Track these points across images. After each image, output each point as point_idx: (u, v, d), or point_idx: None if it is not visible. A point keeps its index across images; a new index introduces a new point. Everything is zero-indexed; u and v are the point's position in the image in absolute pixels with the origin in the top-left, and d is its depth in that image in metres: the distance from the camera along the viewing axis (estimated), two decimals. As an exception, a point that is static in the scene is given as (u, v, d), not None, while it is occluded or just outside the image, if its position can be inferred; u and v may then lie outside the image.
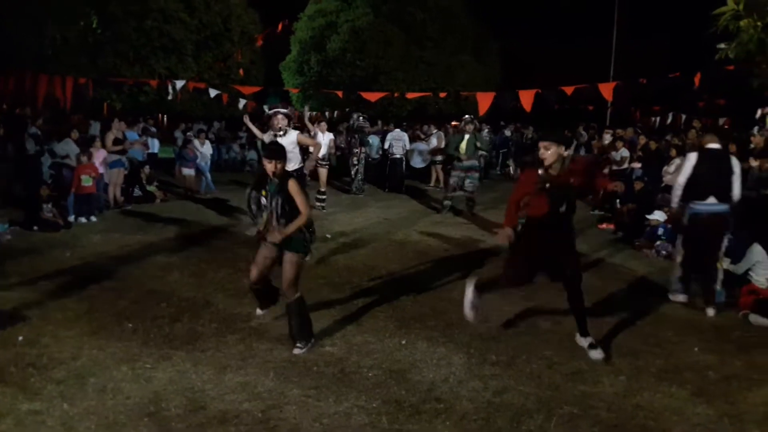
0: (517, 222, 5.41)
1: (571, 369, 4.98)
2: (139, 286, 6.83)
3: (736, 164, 6.56)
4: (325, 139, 12.51)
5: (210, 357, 4.98)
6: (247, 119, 9.57)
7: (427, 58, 25.58)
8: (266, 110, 15.93)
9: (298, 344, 5.10)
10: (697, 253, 6.69)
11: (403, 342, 5.41)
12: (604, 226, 11.24)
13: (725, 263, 7.43)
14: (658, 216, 9.53)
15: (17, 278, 6.94)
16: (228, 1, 22.16)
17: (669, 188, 10.83)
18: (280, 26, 19.51)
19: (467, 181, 11.90)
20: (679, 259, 6.86)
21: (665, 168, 11.40)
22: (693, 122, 14.65)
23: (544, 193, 5.11)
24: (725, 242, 6.78)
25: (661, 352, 5.40)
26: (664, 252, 9.03)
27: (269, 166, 5.01)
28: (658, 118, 21.63)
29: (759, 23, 6.73)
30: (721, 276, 6.68)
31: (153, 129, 17.02)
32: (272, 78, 26.21)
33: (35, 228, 9.34)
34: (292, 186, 5.04)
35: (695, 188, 6.54)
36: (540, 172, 5.17)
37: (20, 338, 5.21)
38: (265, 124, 8.98)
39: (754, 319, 6.30)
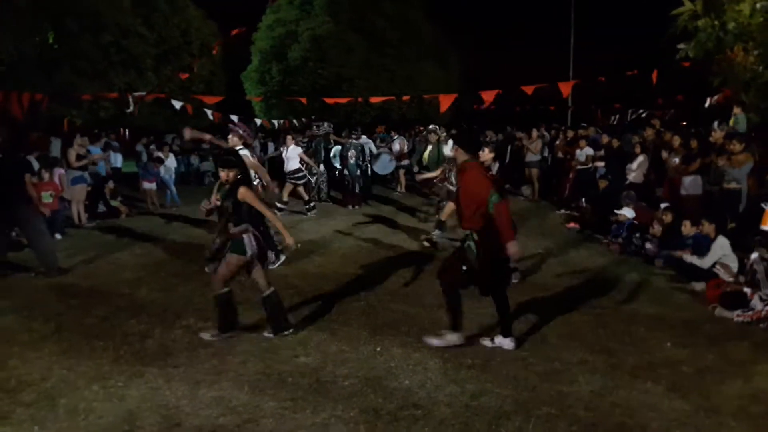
0: None
1: (547, 369, 5.01)
2: (108, 303, 6.66)
3: None
4: (292, 153, 12.50)
5: (183, 372, 4.88)
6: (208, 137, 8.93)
7: (389, 65, 25.71)
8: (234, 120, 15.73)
9: (212, 332, 5.59)
10: None
11: (378, 349, 5.38)
12: (571, 225, 11.36)
13: (690, 258, 7.62)
14: (626, 212, 9.67)
15: (-21, 301, 6.72)
16: (186, 14, 21.99)
17: (633, 185, 11.08)
18: (234, 31, 19.34)
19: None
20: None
21: (629, 165, 11.60)
22: (652, 120, 14.93)
23: None
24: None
25: (634, 349, 5.47)
26: (633, 248, 9.17)
27: (222, 175, 5.53)
28: (617, 116, 22.06)
29: (716, 22, 6.88)
30: None
31: (115, 144, 16.72)
32: (234, 88, 26.01)
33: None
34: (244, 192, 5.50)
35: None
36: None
37: (-15, 362, 5.04)
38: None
39: (719, 312, 6.43)
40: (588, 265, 8.66)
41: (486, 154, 7.11)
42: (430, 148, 11.97)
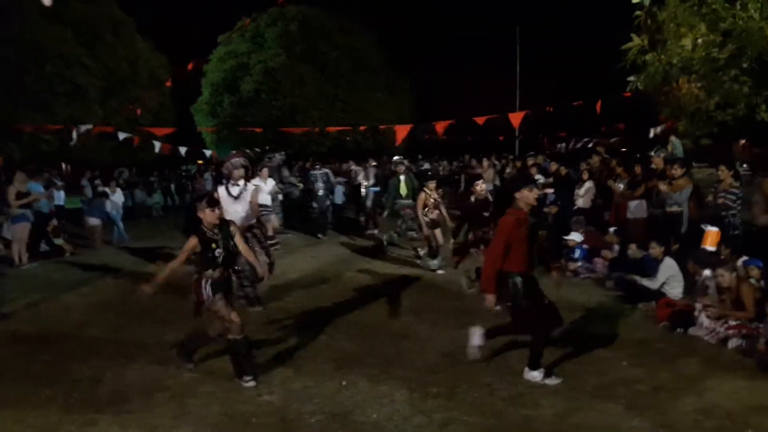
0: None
1: (511, 393, 5.04)
2: (55, 347, 6.36)
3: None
4: (268, 186, 12.16)
5: (138, 418, 4.68)
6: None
7: (342, 95, 25.93)
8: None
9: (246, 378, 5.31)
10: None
11: (344, 383, 5.30)
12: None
13: (641, 279, 7.82)
14: (575, 236, 9.88)
15: None
16: (134, 46, 21.71)
17: (581, 210, 11.35)
18: (190, 65, 19.20)
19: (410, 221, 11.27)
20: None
21: (576, 191, 11.89)
22: (597, 147, 15.41)
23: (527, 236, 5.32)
24: None
25: (594, 370, 5.56)
26: (584, 273, 9.35)
27: (215, 214, 5.23)
28: (563, 144, 22.76)
29: (662, 57, 7.17)
30: None
31: (58, 179, 16.19)
32: (183, 120, 25.76)
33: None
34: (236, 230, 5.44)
35: None
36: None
37: None
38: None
39: (694, 331, 6.51)
40: (542, 288, 8.75)
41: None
42: (403, 178, 11.71)
